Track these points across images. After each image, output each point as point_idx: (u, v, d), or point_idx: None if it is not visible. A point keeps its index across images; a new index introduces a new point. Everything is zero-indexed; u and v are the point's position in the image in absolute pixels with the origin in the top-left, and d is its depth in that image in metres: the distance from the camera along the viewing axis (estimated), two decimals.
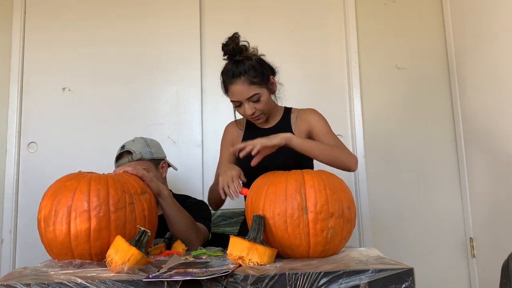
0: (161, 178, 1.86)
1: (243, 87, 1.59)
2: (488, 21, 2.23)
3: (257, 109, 1.64)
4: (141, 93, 2.58)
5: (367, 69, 2.65)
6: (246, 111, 1.63)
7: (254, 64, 1.60)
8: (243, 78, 1.58)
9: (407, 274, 1.03)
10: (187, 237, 1.53)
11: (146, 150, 1.82)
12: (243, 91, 1.59)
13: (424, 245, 2.54)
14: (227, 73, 1.61)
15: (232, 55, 1.61)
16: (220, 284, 0.99)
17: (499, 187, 2.19)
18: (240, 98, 1.61)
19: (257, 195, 1.29)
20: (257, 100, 1.62)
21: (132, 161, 1.77)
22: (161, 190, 1.47)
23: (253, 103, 1.62)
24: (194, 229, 1.56)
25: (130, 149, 1.79)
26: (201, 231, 1.62)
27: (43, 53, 2.58)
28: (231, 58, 1.62)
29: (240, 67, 1.59)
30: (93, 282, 0.98)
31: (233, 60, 1.61)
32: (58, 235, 1.20)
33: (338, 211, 1.22)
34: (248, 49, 1.62)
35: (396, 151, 2.61)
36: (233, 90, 1.60)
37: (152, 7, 2.64)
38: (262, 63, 1.65)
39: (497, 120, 2.18)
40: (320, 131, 1.68)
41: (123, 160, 1.79)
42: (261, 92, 1.61)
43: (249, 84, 1.58)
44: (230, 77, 1.60)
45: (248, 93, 1.59)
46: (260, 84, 1.61)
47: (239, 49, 1.60)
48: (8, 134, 2.50)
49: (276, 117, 1.78)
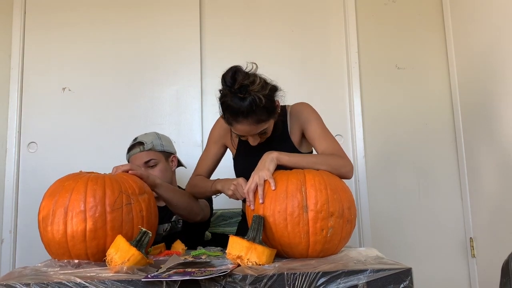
0: (170, 171, 1.91)
1: (250, 127, 1.45)
2: (488, 20, 2.23)
3: (262, 138, 1.55)
4: (141, 93, 2.58)
5: (367, 69, 2.65)
6: (250, 142, 1.54)
7: (263, 103, 1.41)
8: (251, 119, 1.42)
9: (405, 274, 1.03)
10: (191, 211, 1.64)
11: (157, 142, 1.88)
12: (250, 130, 1.46)
13: (424, 245, 2.54)
14: (231, 110, 1.42)
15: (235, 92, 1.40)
16: (218, 284, 1.00)
17: (499, 187, 2.19)
18: (246, 134, 1.50)
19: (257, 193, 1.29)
20: (264, 133, 1.51)
21: (144, 151, 1.83)
22: (156, 181, 1.51)
23: (259, 135, 1.52)
24: (195, 202, 1.67)
25: (142, 140, 1.85)
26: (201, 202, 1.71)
27: (43, 53, 2.59)
28: (233, 93, 1.41)
29: (247, 106, 1.39)
30: (92, 282, 0.98)
31: (237, 96, 1.40)
32: (56, 235, 1.20)
33: (339, 211, 1.22)
34: (254, 83, 1.41)
35: (396, 151, 2.61)
36: (239, 128, 1.46)
37: (153, 8, 2.65)
38: (270, 97, 1.46)
39: (497, 120, 2.18)
40: (313, 134, 1.57)
41: (135, 150, 1.85)
42: (268, 125, 1.50)
43: (257, 123, 1.44)
44: (235, 115, 1.42)
45: (255, 131, 1.47)
46: (267, 119, 1.47)
47: (244, 87, 1.39)
48: (8, 134, 2.50)
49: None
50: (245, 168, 1.47)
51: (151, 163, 1.83)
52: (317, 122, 1.59)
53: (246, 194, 1.32)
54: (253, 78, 1.42)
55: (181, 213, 1.65)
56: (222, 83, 1.43)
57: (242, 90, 1.39)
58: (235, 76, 1.40)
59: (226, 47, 2.63)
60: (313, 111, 1.63)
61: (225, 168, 1.90)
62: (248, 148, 1.61)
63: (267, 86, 1.46)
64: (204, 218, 1.74)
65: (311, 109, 1.63)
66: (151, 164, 1.83)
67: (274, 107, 1.49)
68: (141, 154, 1.82)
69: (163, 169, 1.85)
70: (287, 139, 1.63)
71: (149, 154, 1.83)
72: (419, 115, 2.64)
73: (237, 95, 1.39)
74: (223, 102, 1.44)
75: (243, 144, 1.64)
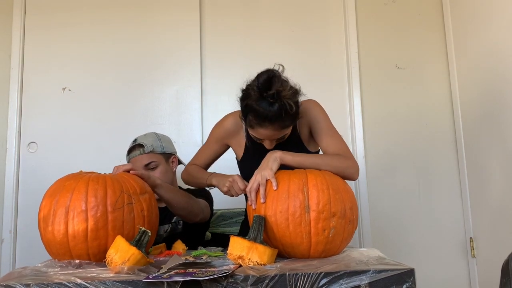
0: (171, 172, 1.91)
1: (274, 132, 1.42)
2: (488, 20, 2.23)
3: (277, 142, 1.50)
4: (141, 93, 2.58)
5: (367, 69, 2.65)
6: (266, 146, 1.49)
7: (293, 110, 1.38)
8: (277, 125, 1.39)
9: (408, 275, 1.03)
10: (191, 211, 1.63)
11: (157, 144, 1.86)
12: (273, 135, 1.43)
13: (424, 245, 2.54)
14: (258, 114, 1.37)
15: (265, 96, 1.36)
16: (220, 285, 0.99)
17: (499, 187, 2.19)
18: (266, 138, 1.47)
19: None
20: (283, 137, 1.48)
21: (144, 153, 1.82)
22: (156, 182, 1.50)
23: (277, 140, 1.48)
24: (195, 202, 1.66)
25: (142, 142, 1.84)
26: (201, 203, 1.71)
27: (43, 53, 2.59)
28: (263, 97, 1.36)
29: (276, 112, 1.35)
30: (93, 283, 0.98)
31: (267, 100, 1.35)
32: (57, 235, 1.20)
33: (340, 211, 1.22)
34: (285, 89, 1.37)
35: (396, 151, 2.61)
36: (261, 133, 1.42)
37: (153, 8, 2.64)
38: (297, 103, 1.42)
39: (498, 120, 2.17)
40: (320, 132, 1.55)
41: (135, 152, 1.83)
42: (289, 131, 1.47)
43: (281, 129, 1.41)
44: (261, 120, 1.37)
45: (277, 136, 1.45)
46: (291, 125, 1.45)
47: (278, 92, 1.35)
48: (8, 134, 2.50)
49: None
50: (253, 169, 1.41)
51: (152, 166, 1.82)
52: (325, 120, 1.57)
53: (248, 193, 1.32)
54: (286, 84, 1.39)
55: (181, 213, 1.64)
56: (254, 82, 1.38)
57: (274, 95, 1.35)
58: (271, 81, 1.36)
59: (226, 47, 2.63)
60: (321, 109, 1.60)
61: (226, 168, 1.90)
62: (256, 148, 1.57)
63: (297, 93, 1.43)
64: (204, 218, 1.73)
65: (319, 107, 1.61)
66: (151, 167, 1.82)
67: (299, 112, 1.45)
68: (142, 156, 1.82)
69: (164, 171, 1.85)
70: (295, 136, 1.60)
71: (149, 157, 1.82)
72: (419, 115, 2.64)
73: (266, 99, 1.35)
74: (248, 105, 1.38)
75: (253, 146, 1.61)
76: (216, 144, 1.72)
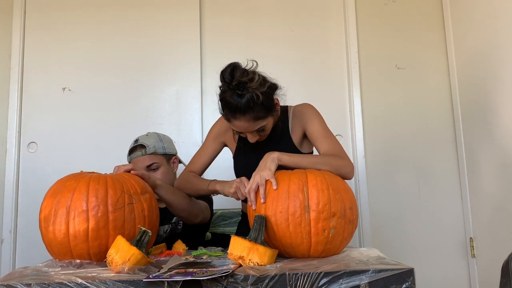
0: (172, 173, 1.91)
1: (248, 123, 1.46)
2: (488, 20, 2.23)
3: (261, 135, 1.55)
4: (141, 93, 2.58)
5: (367, 69, 2.65)
6: (249, 139, 1.55)
7: (261, 99, 1.42)
8: (248, 116, 1.44)
9: (407, 274, 1.03)
10: (190, 212, 1.64)
11: (159, 145, 1.86)
12: (248, 126, 1.48)
13: (424, 245, 2.54)
14: (229, 106, 1.44)
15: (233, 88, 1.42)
16: (220, 284, 1.00)
17: (499, 187, 2.19)
18: (244, 131, 1.51)
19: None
20: (262, 130, 1.52)
21: (145, 154, 1.82)
22: (156, 182, 1.50)
23: (257, 132, 1.52)
24: (195, 203, 1.66)
25: (144, 143, 1.83)
26: (201, 204, 1.71)
27: (43, 53, 2.59)
28: (231, 89, 1.43)
29: (245, 103, 1.41)
30: (94, 282, 0.98)
31: (235, 92, 1.42)
32: (58, 235, 1.20)
33: (340, 211, 1.22)
34: (252, 80, 1.43)
35: (396, 151, 2.61)
36: (237, 125, 1.48)
37: (153, 8, 2.65)
38: (269, 95, 1.48)
39: (497, 120, 2.18)
40: (314, 134, 1.57)
41: (137, 153, 1.83)
42: (266, 123, 1.50)
43: (254, 120, 1.46)
44: (233, 112, 1.44)
45: (253, 128, 1.49)
46: (265, 116, 1.48)
47: (242, 83, 1.41)
48: (8, 134, 2.50)
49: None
50: (245, 167, 1.47)
51: (154, 167, 1.82)
52: (319, 122, 1.59)
53: (247, 194, 1.32)
54: (252, 75, 1.44)
55: (181, 214, 1.64)
56: (220, 79, 1.45)
57: (240, 86, 1.41)
58: (233, 73, 1.42)
59: (226, 47, 2.64)
60: (315, 112, 1.63)
61: (225, 168, 1.90)
62: (248, 147, 1.61)
63: (266, 84, 1.48)
64: (204, 220, 1.73)
65: (313, 109, 1.64)
66: (153, 168, 1.82)
67: (273, 104, 1.51)
68: (144, 157, 1.81)
69: (165, 172, 1.84)
70: (287, 138, 1.63)
71: (151, 158, 1.82)
72: (419, 115, 2.64)
73: (235, 91, 1.41)
74: (222, 99, 1.46)
75: (243, 143, 1.65)
76: (213, 142, 1.73)
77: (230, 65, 1.44)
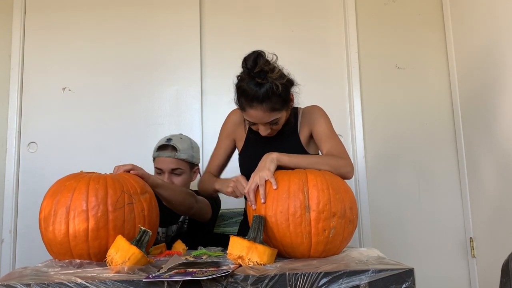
0: (190, 182, 1.89)
1: (264, 114, 1.47)
2: (488, 20, 2.23)
3: (273, 129, 1.55)
4: (141, 93, 2.58)
5: (367, 69, 2.65)
6: (261, 132, 1.55)
7: (280, 91, 1.43)
8: (265, 105, 1.44)
9: (407, 274, 1.03)
10: (190, 206, 1.63)
11: (190, 152, 1.84)
12: (263, 117, 1.48)
13: (424, 245, 2.54)
14: (247, 94, 1.44)
15: (253, 76, 1.43)
16: (220, 284, 0.99)
17: (499, 187, 2.19)
18: (258, 121, 1.51)
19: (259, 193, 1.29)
20: (275, 123, 1.52)
21: (175, 158, 1.79)
22: (156, 182, 1.50)
23: (270, 125, 1.52)
24: (193, 196, 1.65)
25: (177, 145, 1.80)
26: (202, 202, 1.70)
27: (43, 53, 2.59)
28: (252, 77, 1.44)
29: (263, 92, 1.42)
30: (93, 282, 0.98)
31: (255, 81, 1.43)
32: (58, 235, 1.20)
33: (341, 211, 1.22)
34: (273, 71, 1.44)
35: (396, 151, 2.61)
36: (252, 114, 1.48)
37: (153, 8, 2.65)
38: (287, 88, 1.49)
39: (497, 119, 2.18)
40: (320, 135, 1.59)
41: (166, 152, 1.80)
42: (280, 116, 1.51)
43: (270, 111, 1.46)
44: (250, 100, 1.45)
45: (268, 119, 1.49)
46: (281, 109, 1.49)
47: (264, 72, 1.42)
48: (8, 134, 2.50)
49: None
50: (251, 162, 1.45)
51: (177, 172, 1.80)
52: (326, 124, 1.61)
53: (247, 194, 1.32)
54: (273, 66, 1.46)
55: (180, 209, 1.64)
56: (242, 65, 1.46)
57: (261, 75, 1.42)
58: (256, 60, 1.43)
59: (226, 47, 2.63)
60: (324, 114, 1.65)
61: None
62: (257, 141, 1.62)
63: (285, 77, 1.49)
64: (203, 214, 1.72)
65: (322, 112, 1.66)
66: (176, 173, 1.80)
67: (289, 98, 1.52)
68: (171, 160, 1.78)
69: (185, 180, 1.83)
70: (295, 137, 1.64)
71: (178, 163, 1.79)
72: (419, 115, 2.64)
73: (254, 79, 1.43)
74: (240, 87, 1.47)
75: (252, 138, 1.66)
76: (226, 140, 1.74)
77: (254, 52, 1.45)
